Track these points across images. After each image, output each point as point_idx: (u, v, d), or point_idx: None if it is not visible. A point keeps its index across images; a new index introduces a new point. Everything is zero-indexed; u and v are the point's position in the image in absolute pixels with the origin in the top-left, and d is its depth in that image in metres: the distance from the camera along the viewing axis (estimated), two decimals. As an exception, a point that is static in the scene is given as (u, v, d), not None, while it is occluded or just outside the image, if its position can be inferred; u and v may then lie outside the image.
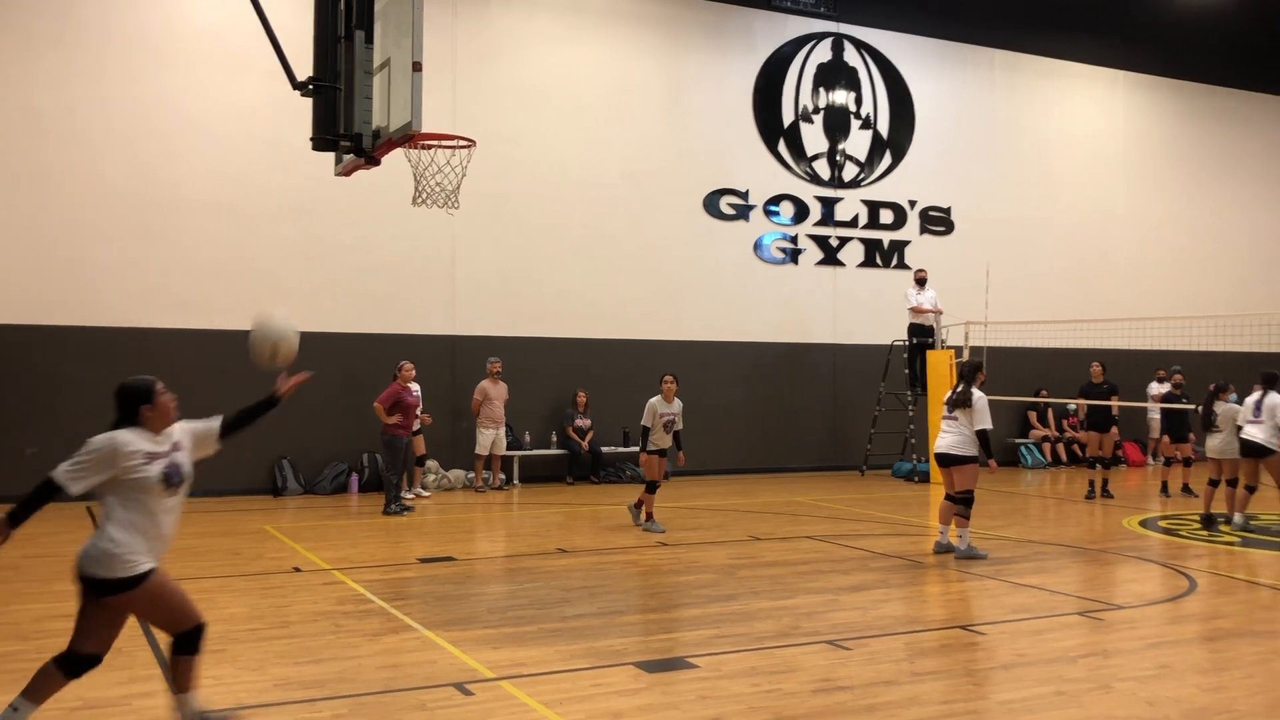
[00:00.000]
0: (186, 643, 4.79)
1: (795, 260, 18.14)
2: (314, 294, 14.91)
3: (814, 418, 18.20)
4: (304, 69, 7.68)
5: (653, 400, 11.39)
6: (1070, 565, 9.69)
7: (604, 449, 16.34)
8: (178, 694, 4.85)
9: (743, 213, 17.76)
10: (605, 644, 6.64)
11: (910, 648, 6.70)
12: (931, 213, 19.23)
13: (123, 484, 4.61)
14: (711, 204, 17.52)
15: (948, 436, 9.96)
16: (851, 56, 18.71)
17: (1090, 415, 15.43)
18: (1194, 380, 15.63)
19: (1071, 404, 19.40)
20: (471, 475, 15.28)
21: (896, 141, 19.02)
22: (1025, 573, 9.19)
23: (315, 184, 14.04)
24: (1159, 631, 7.23)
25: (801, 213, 18.19)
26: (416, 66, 7.12)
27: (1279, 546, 10.72)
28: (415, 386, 13.89)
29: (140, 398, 4.76)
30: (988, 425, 9.81)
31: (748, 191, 17.76)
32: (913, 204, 19.07)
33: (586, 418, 16.21)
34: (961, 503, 9.87)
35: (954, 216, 19.42)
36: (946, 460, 9.97)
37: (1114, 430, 15.20)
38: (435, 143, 9.20)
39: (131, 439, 4.65)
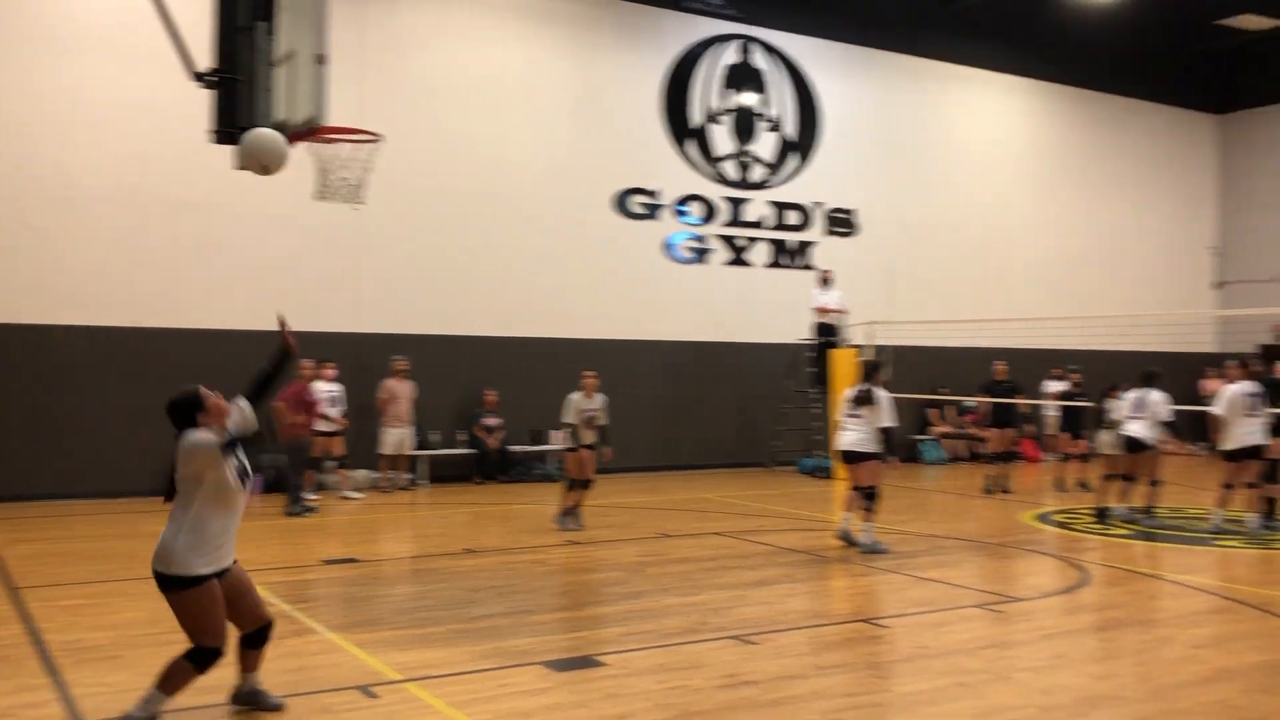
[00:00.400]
0: (251, 639, 5.27)
1: (704, 260, 18.27)
2: (212, 290, 14.54)
3: (722, 415, 18.34)
4: (205, 59, 7.49)
5: (573, 395, 11.34)
6: (970, 559, 9.94)
7: (513, 448, 16.26)
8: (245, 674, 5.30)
9: (653, 212, 17.82)
10: (513, 644, 6.61)
11: (815, 642, 6.81)
12: (837, 214, 19.53)
13: (208, 484, 4.88)
14: (622, 203, 17.55)
15: (851, 434, 10.21)
16: (759, 59, 18.91)
17: (993, 412, 15.87)
18: (1090, 378, 16.16)
19: (972, 401, 19.90)
20: (377, 475, 15.06)
21: (803, 144, 19.26)
22: (926, 567, 9.39)
23: (214, 178, 13.66)
24: (1054, 623, 7.46)
25: (710, 213, 18.32)
26: (321, 59, 6.99)
27: (1169, 539, 11.14)
28: (328, 386, 13.66)
29: (194, 406, 4.99)
30: (892, 423, 10.09)
31: (658, 191, 17.84)
32: (819, 205, 19.34)
33: (496, 416, 16.10)
34: (865, 497, 10.07)
35: (859, 218, 19.75)
36: (850, 457, 10.24)
37: (1015, 428, 15.71)
38: (340, 137, 9.05)
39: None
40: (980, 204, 21.20)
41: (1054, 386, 19.17)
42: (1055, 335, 19.04)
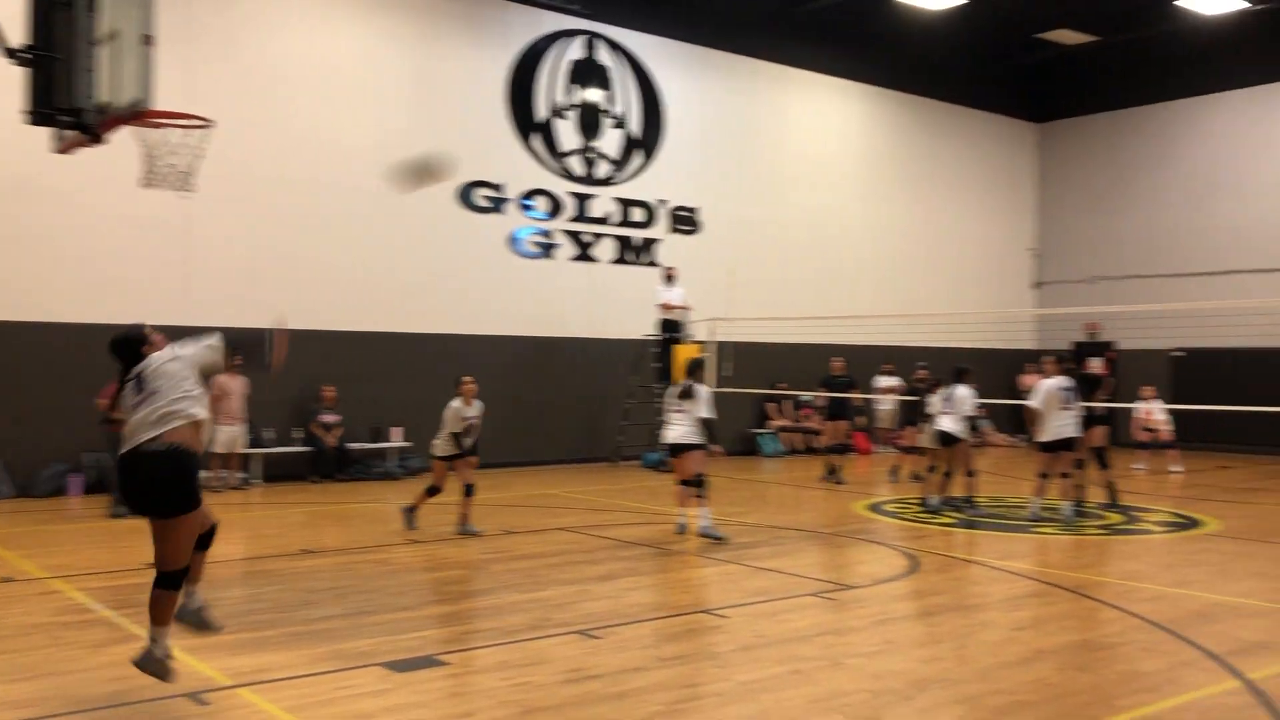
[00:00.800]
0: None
1: (550, 255, 18.24)
2: (30, 280, 13.72)
3: (568, 411, 18.36)
4: (19, 35, 7.05)
5: (453, 404, 10.86)
6: (806, 549, 10.23)
7: (352, 446, 15.88)
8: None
9: (497, 205, 17.69)
10: (351, 645, 6.47)
11: (658, 634, 6.89)
12: (680, 212, 19.79)
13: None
14: (466, 196, 17.35)
15: (677, 428, 10.77)
16: (604, 55, 18.98)
17: (830, 406, 16.40)
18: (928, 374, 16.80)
19: (808, 395, 20.49)
20: (208, 475, 14.46)
21: (647, 141, 19.44)
22: (764, 557, 9.62)
23: (31, 161, 12.89)
24: (885, 609, 7.75)
25: (556, 208, 18.30)
26: (147, 39, 6.68)
27: (990, 526, 11.71)
28: None
29: (141, 341, 5.43)
30: (710, 414, 10.68)
31: (502, 185, 17.71)
32: (662, 203, 19.56)
33: (334, 413, 15.70)
34: (695, 485, 10.54)
35: (701, 216, 20.06)
36: (676, 450, 10.81)
37: (849, 421, 16.31)
38: (169, 122, 8.66)
39: None
40: (817, 204, 21.82)
41: (885, 381, 19.93)
42: (887, 332, 19.79)
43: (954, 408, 12.55)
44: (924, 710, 5.38)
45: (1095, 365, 13.09)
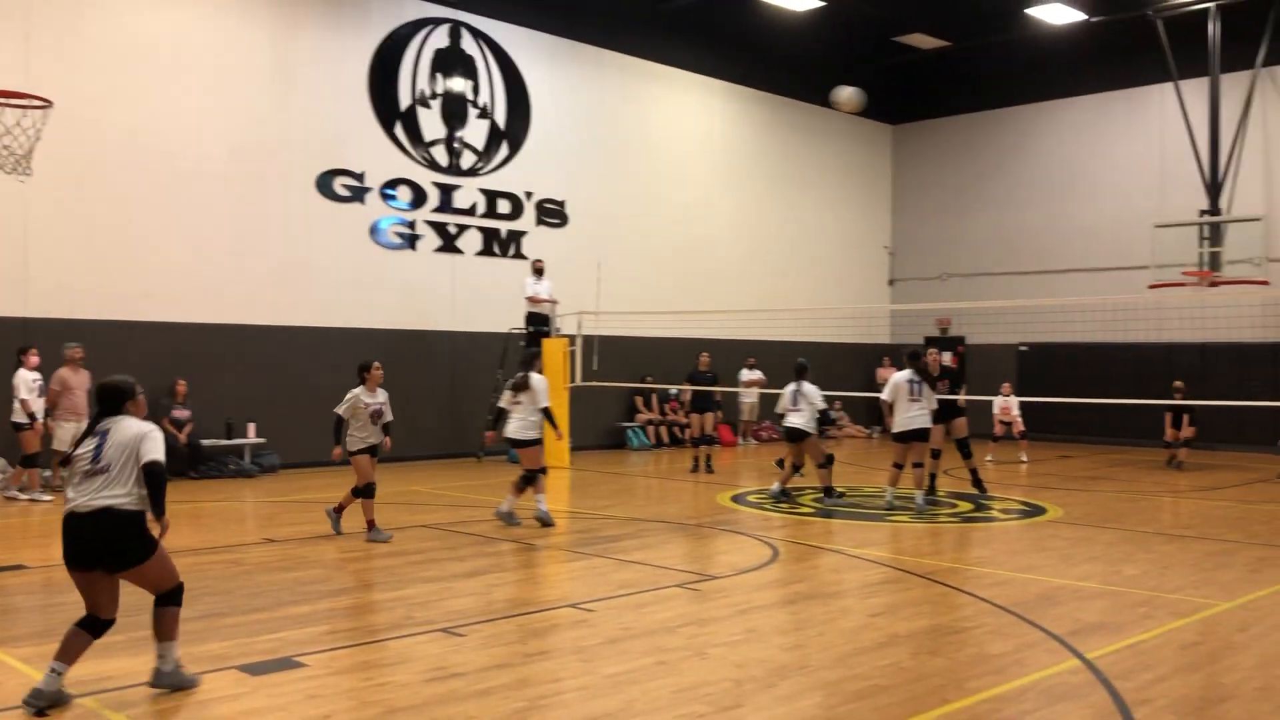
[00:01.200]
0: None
1: (413, 246, 17.93)
2: None
3: (432, 405, 18.09)
4: None
5: (356, 390, 10.45)
6: (671, 541, 10.33)
7: (204, 442, 15.31)
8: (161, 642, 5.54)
9: (358, 195, 17.28)
10: (204, 649, 6.24)
11: (523, 629, 6.86)
12: (547, 205, 19.71)
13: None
14: (325, 184, 16.90)
15: (514, 421, 11.02)
16: (469, 45, 18.75)
17: (695, 399, 16.62)
18: (782, 368, 17.15)
19: (674, 389, 20.69)
20: (49, 474, 13.75)
21: (513, 133, 19.29)
22: (630, 550, 9.68)
23: None
24: (747, 598, 7.88)
25: (419, 198, 18.00)
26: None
27: (848, 515, 12.03)
28: (32, 374, 12.98)
29: (127, 395, 5.63)
30: (547, 403, 10.97)
31: (363, 173, 17.31)
32: (529, 195, 19.44)
33: (185, 408, 15.11)
34: (531, 479, 10.91)
35: (568, 209, 20.03)
36: (515, 443, 11.08)
37: (714, 414, 16.63)
38: (3, 101, 8.19)
39: None
40: (682, 200, 22.03)
41: (748, 375, 20.29)
42: (750, 326, 20.14)
43: (803, 404, 12.87)
44: (785, 697, 5.49)
45: (935, 358, 13.50)
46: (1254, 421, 19.62)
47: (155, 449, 5.42)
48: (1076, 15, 21.08)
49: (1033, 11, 20.92)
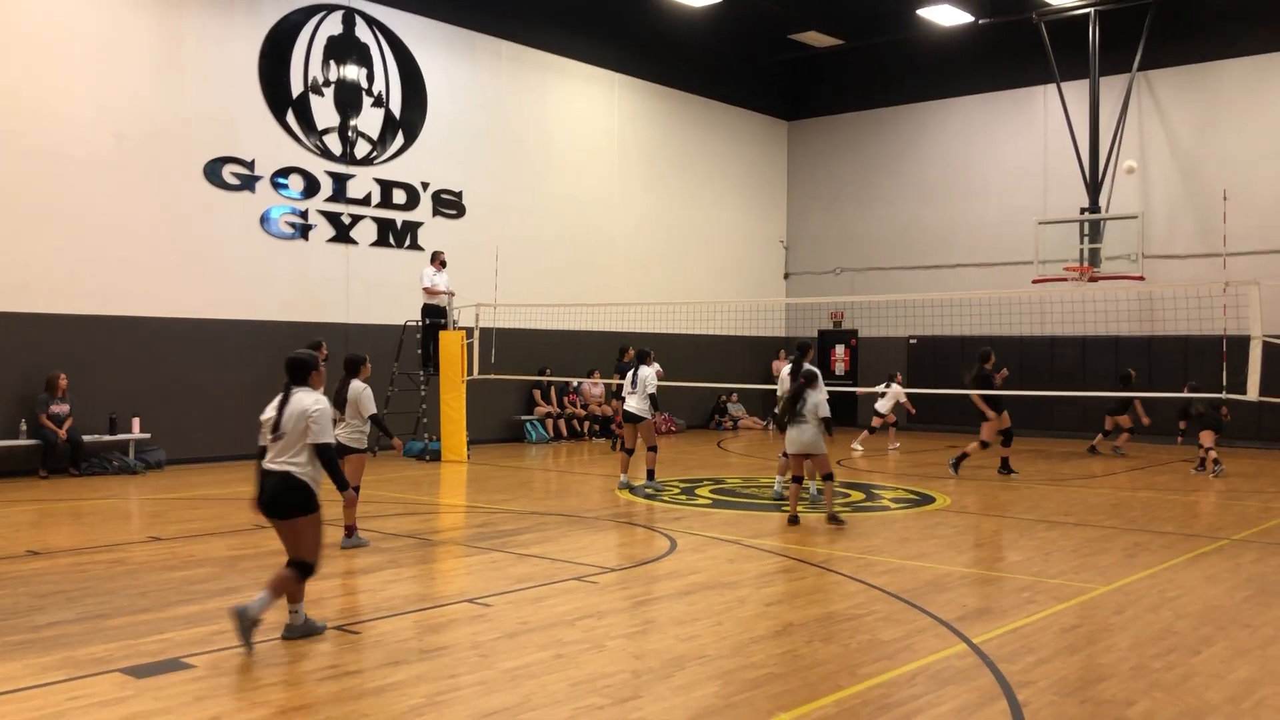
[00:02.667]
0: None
1: (306, 236, 17.54)
2: None
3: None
4: None
5: (358, 384, 9.66)
6: (570, 534, 10.32)
7: (86, 438, 14.77)
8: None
9: (248, 183, 16.83)
10: (86, 652, 6.03)
11: (419, 625, 6.78)
12: (444, 195, 19.48)
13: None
14: (213, 172, 16.42)
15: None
16: (363, 32, 18.39)
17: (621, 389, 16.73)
18: (671, 361, 17.25)
19: (575, 381, 20.69)
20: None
21: (409, 122, 19.01)
22: (529, 543, 9.65)
23: None
24: (645, 590, 7.93)
25: (312, 187, 17.60)
26: None
27: (741, 506, 12.18)
28: None
29: (311, 367, 6.60)
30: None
31: (253, 161, 16.87)
32: (425, 186, 19.19)
33: (64, 403, 14.55)
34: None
35: (466, 200, 19.82)
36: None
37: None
38: None
39: None
40: (581, 193, 22.00)
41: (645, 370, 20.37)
42: (649, 320, 20.25)
43: (638, 388, 13.06)
44: (682, 687, 5.55)
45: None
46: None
47: (321, 432, 6.32)
48: (965, 17, 21.65)
49: (923, 12, 21.43)
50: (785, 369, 12.55)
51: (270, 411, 6.46)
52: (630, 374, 13.33)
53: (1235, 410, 15.29)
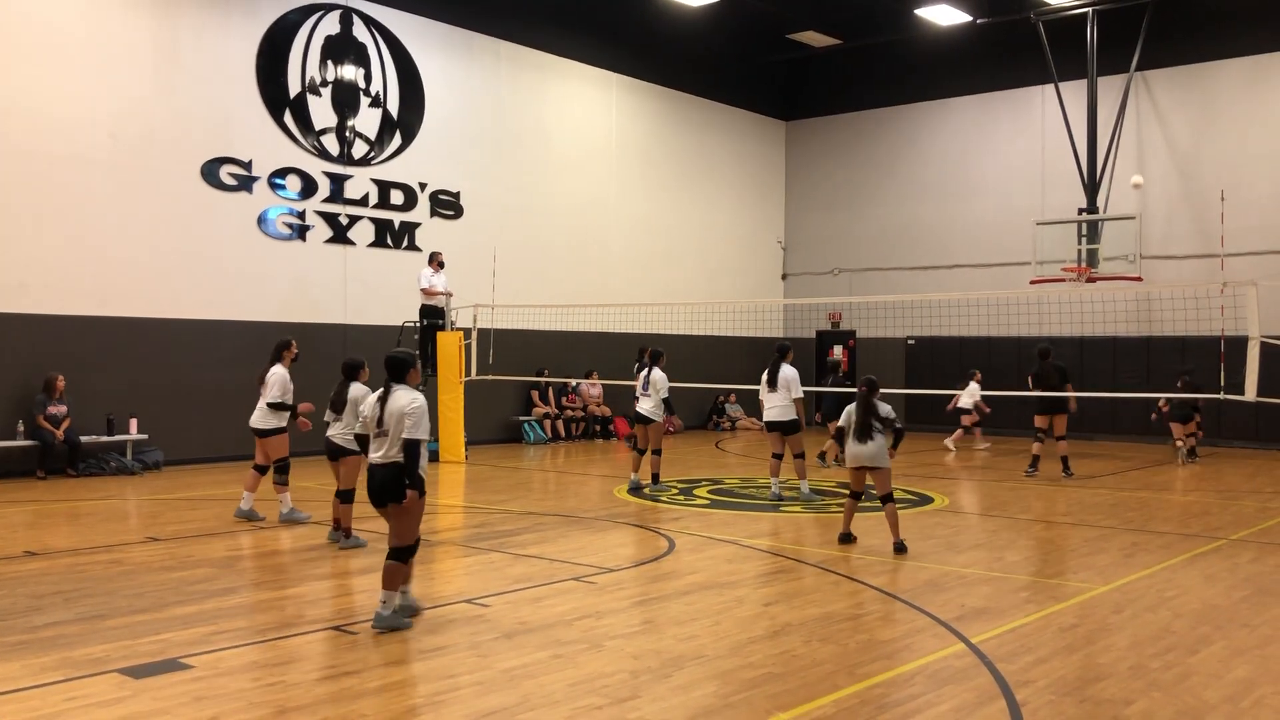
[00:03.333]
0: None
1: (303, 237, 17.52)
2: None
3: (323, 400, 17.61)
4: None
5: (366, 389, 9.44)
6: (568, 534, 10.32)
7: (83, 439, 14.75)
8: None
9: (245, 184, 16.82)
10: (83, 652, 6.03)
11: (418, 626, 6.77)
12: (442, 196, 19.47)
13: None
14: (211, 173, 16.40)
15: (254, 413, 10.88)
16: (361, 32, 18.38)
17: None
18: (669, 362, 17.23)
19: (573, 383, 20.67)
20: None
21: (406, 122, 19.00)
22: (528, 544, 9.65)
23: None
24: (643, 590, 7.93)
25: (310, 188, 17.59)
26: None
27: (740, 507, 12.18)
28: None
29: (409, 365, 7.02)
30: (274, 399, 10.80)
31: (251, 162, 16.85)
32: (423, 186, 19.17)
33: (62, 404, 14.53)
34: (279, 470, 10.78)
35: (463, 201, 19.81)
36: (259, 433, 10.84)
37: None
38: None
39: None
40: (579, 193, 22.00)
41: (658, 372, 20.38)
42: (647, 320, 20.25)
43: (650, 390, 13.05)
44: (680, 687, 5.54)
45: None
46: (1127, 412, 20.48)
47: (414, 427, 6.73)
48: (963, 17, 21.66)
49: (921, 12, 21.43)
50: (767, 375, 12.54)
51: (368, 408, 6.97)
52: (643, 375, 13.27)
53: (1234, 410, 15.40)
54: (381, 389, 6.90)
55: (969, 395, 18.85)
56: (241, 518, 10.75)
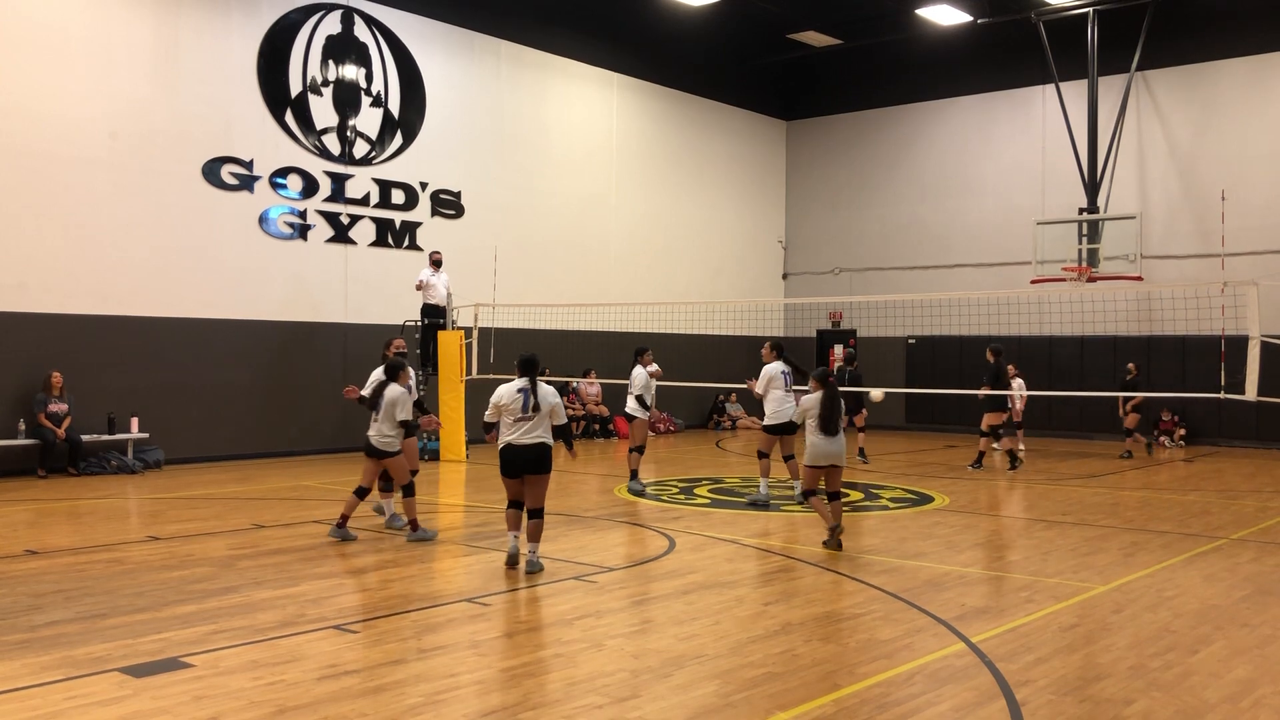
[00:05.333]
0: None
1: (304, 236, 17.53)
2: None
3: (324, 399, 17.72)
4: None
5: (404, 390, 9.85)
6: (568, 533, 10.32)
7: (84, 437, 14.76)
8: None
9: (247, 183, 16.82)
10: (84, 651, 6.03)
11: (418, 625, 6.78)
12: (443, 195, 19.47)
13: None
14: (212, 172, 16.41)
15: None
16: (362, 32, 18.39)
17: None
18: (669, 361, 17.23)
19: (573, 382, 20.66)
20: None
21: (408, 122, 19.00)
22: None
23: None
24: (643, 589, 7.93)
25: (311, 187, 17.59)
26: None
27: (739, 506, 12.18)
28: None
29: (541, 366, 8.76)
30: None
31: (252, 161, 16.85)
32: (424, 186, 19.18)
33: (63, 402, 14.54)
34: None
35: (464, 200, 19.82)
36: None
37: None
38: None
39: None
40: (580, 192, 22.00)
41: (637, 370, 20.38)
42: (646, 320, 20.24)
43: (631, 388, 13.17)
44: (681, 687, 5.55)
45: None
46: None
47: (563, 413, 8.60)
48: (963, 17, 21.65)
49: (922, 12, 21.42)
50: (773, 367, 12.38)
51: (509, 398, 8.35)
52: (632, 375, 13.47)
53: (1235, 410, 15.44)
54: (525, 382, 8.39)
55: (1019, 393, 18.61)
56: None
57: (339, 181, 17.94)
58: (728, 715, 5.14)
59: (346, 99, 18.13)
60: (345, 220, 18.03)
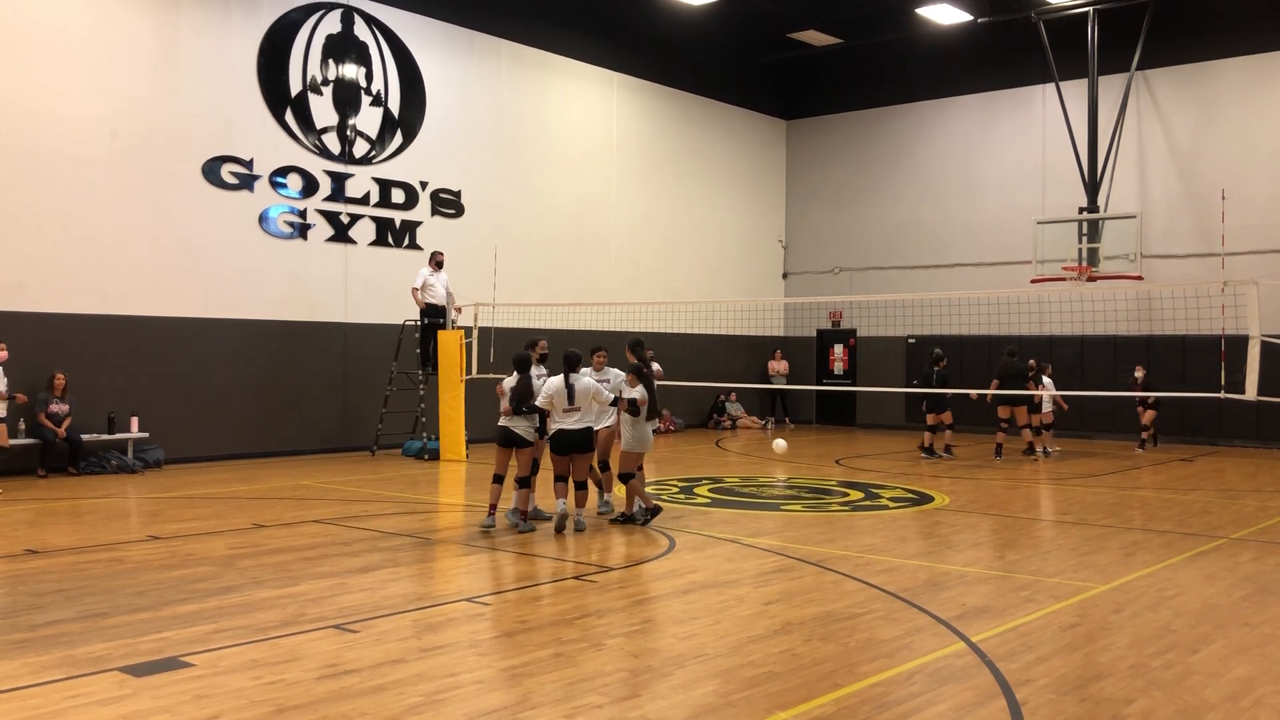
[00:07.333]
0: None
1: (304, 235, 17.53)
2: None
3: (324, 398, 17.75)
4: None
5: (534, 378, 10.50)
6: (568, 533, 10.31)
7: (84, 437, 14.76)
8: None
9: (247, 183, 16.82)
10: (84, 651, 6.03)
11: (418, 625, 6.78)
12: (443, 195, 19.47)
13: None
14: (212, 171, 16.41)
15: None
16: (362, 31, 18.38)
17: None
18: (669, 360, 17.23)
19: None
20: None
21: (408, 121, 19.00)
22: (529, 542, 9.65)
23: None
24: (643, 589, 7.93)
25: (311, 186, 17.59)
26: None
27: (739, 505, 12.18)
28: None
29: (581, 360, 10.32)
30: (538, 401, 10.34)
31: (252, 161, 16.85)
32: (424, 185, 19.18)
33: (64, 402, 14.54)
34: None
35: (464, 200, 19.82)
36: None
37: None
38: None
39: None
40: (580, 192, 22.00)
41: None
42: (647, 319, 20.24)
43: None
44: (681, 686, 5.55)
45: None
46: (1127, 411, 20.46)
47: (607, 395, 10.28)
48: (963, 16, 21.65)
49: (922, 11, 21.42)
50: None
51: (550, 390, 9.94)
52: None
53: (1235, 409, 15.44)
54: (563, 376, 9.90)
55: (1048, 395, 18.52)
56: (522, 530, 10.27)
57: (339, 181, 17.94)
58: (728, 715, 5.14)
59: (346, 98, 18.12)
60: (345, 219, 18.03)
